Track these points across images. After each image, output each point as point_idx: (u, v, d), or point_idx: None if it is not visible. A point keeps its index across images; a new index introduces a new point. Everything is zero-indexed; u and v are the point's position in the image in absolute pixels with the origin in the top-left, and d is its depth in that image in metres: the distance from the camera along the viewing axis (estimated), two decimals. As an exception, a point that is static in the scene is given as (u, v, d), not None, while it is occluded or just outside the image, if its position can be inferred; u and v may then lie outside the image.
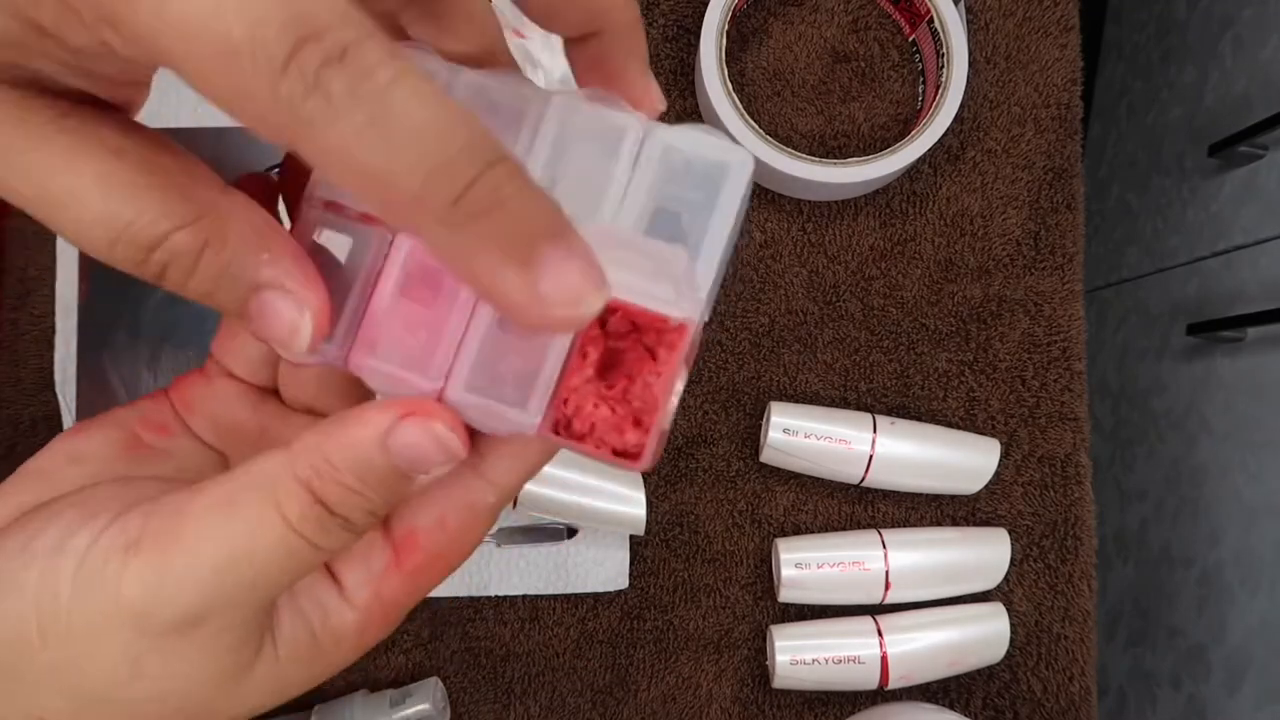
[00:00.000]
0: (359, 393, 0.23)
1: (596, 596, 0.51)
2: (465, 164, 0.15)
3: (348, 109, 0.15)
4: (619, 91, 0.21)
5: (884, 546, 0.49)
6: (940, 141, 0.52)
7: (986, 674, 0.51)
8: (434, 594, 0.50)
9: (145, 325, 0.50)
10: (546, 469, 0.47)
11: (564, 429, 0.19)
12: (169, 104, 0.51)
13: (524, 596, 0.51)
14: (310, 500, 0.18)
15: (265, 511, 0.18)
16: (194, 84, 0.15)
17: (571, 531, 0.50)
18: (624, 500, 0.48)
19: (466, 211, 0.15)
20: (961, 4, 0.51)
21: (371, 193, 0.15)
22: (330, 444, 0.18)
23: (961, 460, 0.50)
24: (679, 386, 0.20)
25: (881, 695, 0.51)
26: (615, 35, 0.21)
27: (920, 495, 0.52)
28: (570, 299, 0.16)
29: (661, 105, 0.22)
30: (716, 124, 0.50)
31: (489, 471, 0.21)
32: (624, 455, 0.19)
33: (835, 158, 0.50)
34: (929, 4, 0.50)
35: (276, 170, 0.22)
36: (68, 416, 0.49)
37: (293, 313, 0.19)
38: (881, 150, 0.49)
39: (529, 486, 0.48)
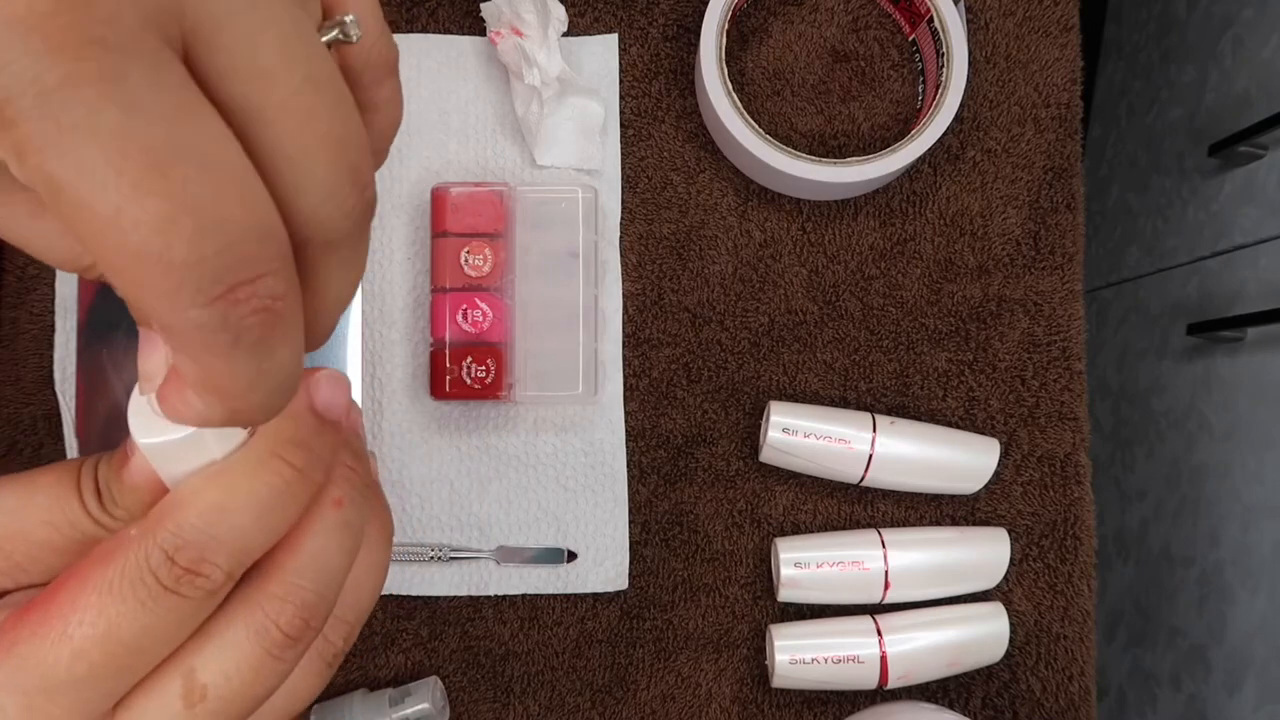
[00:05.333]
0: None
1: (596, 596, 0.51)
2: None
3: (240, 355, 0.16)
4: None
5: (883, 546, 0.49)
6: (940, 141, 0.52)
7: (986, 674, 0.51)
8: (433, 593, 0.50)
9: (145, 324, 0.50)
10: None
11: None
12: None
13: (524, 596, 0.51)
14: None
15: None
16: (78, 236, 0.15)
17: (572, 555, 0.50)
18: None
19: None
20: (961, 4, 0.51)
21: (211, 401, 0.17)
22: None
23: (961, 460, 0.50)
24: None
25: (881, 695, 0.51)
26: None
27: (920, 495, 0.52)
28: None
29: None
30: (716, 123, 0.50)
31: None
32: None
33: (835, 157, 0.50)
34: (929, 3, 0.50)
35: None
36: (67, 415, 0.49)
37: None
38: (881, 150, 0.49)
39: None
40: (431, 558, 0.49)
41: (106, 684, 0.18)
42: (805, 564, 0.48)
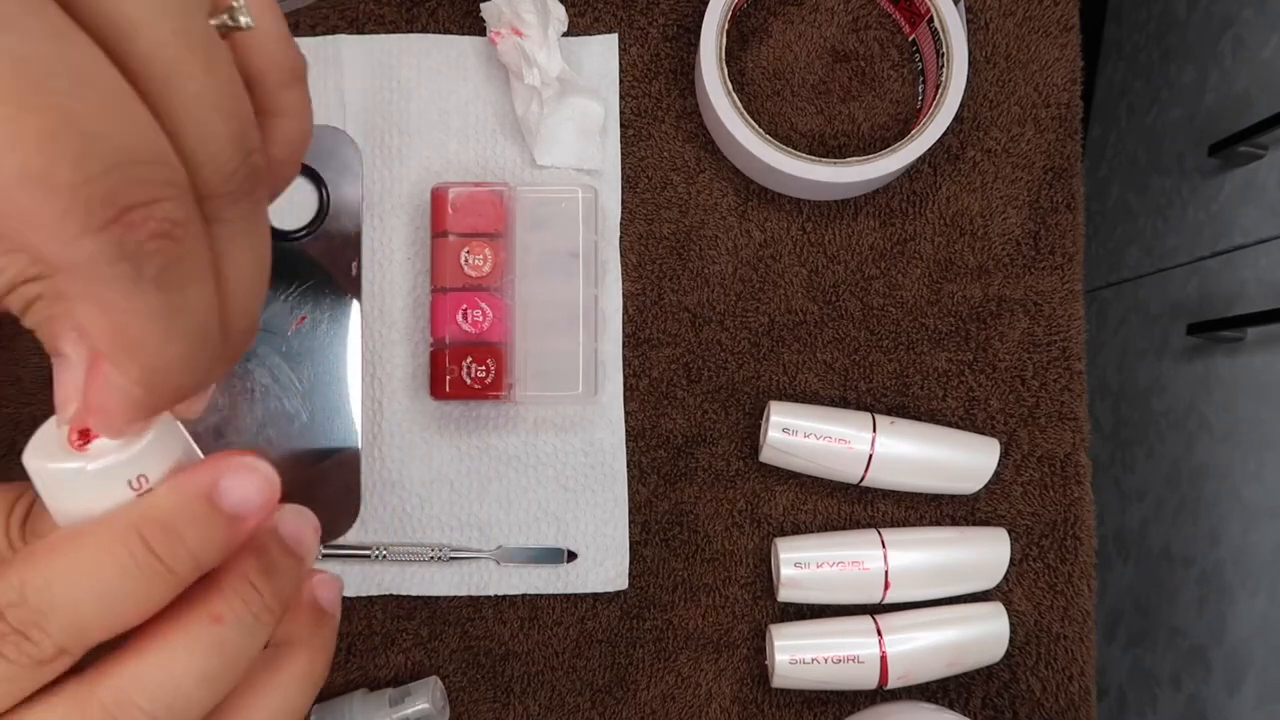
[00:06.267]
0: None
1: (596, 596, 0.51)
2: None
3: (146, 291, 0.15)
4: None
5: (883, 546, 0.49)
6: (940, 141, 0.52)
7: (986, 674, 0.51)
8: (433, 593, 0.50)
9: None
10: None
11: None
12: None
13: (524, 596, 0.51)
14: None
15: None
16: None
17: (572, 555, 0.50)
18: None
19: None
20: (961, 4, 0.51)
21: (129, 365, 0.16)
22: None
23: (961, 460, 0.50)
24: None
25: (881, 695, 0.51)
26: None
27: (920, 495, 0.52)
28: None
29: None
30: (716, 123, 0.50)
31: None
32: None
33: (835, 157, 0.50)
34: (929, 3, 0.50)
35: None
36: (67, 416, 0.49)
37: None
38: (881, 150, 0.49)
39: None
40: (431, 558, 0.49)
41: None
42: (805, 564, 0.48)
